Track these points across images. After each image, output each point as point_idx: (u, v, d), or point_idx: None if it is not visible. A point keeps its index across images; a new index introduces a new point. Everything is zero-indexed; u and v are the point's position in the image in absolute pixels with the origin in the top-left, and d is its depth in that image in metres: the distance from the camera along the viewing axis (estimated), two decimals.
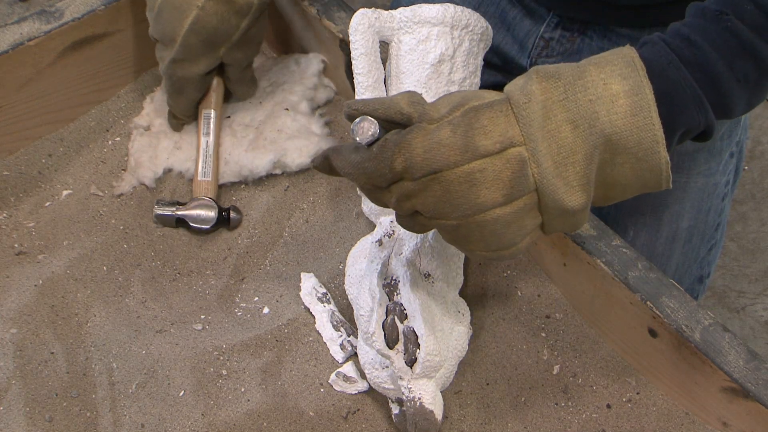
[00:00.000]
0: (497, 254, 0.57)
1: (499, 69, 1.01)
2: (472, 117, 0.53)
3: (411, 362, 0.62)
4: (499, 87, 1.03)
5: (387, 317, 0.64)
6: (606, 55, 0.56)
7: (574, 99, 0.53)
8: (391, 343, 0.63)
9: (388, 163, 0.54)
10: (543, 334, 0.72)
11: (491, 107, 0.54)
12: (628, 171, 0.55)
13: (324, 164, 0.60)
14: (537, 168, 0.53)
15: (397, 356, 0.63)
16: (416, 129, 0.54)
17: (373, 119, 0.55)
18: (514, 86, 0.55)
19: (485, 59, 0.75)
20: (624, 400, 0.69)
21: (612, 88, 0.53)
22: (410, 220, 0.58)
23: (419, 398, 0.62)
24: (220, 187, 0.82)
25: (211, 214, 0.78)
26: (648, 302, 0.66)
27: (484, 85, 0.73)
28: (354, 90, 0.72)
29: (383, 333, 0.64)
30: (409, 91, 0.57)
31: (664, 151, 0.53)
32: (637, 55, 0.55)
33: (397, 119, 0.56)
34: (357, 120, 0.55)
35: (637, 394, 0.69)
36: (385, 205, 0.58)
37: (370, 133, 0.54)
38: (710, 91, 0.57)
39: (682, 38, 0.57)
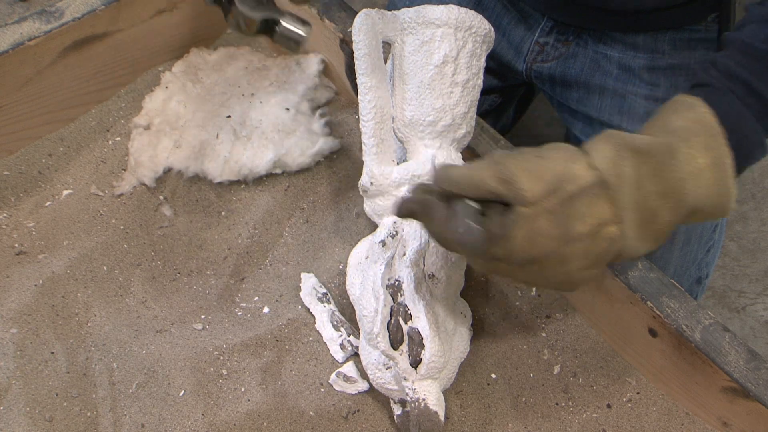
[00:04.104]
0: (574, 290, 0.61)
1: (495, 73, 1.02)
2: (570, 205, 0.54)
3: (415, 363, 0.62)
4: (495, 90, 1.05)
5: (391, 318, 0.64)
6: (690, 125, 0.58)
7: (664, 177, 0.56)
8: (395, 344, 0.63)
9: (488, 249, 0.55)
10: (543, 334, 0.72)
11: (588, 193, 0.55)
12: (698, 221, 0.60)
13: (408, 215, 0.61)
14: (623, 241, 0.56)
15: (402, 357, 0.63)
16: (519, 220, 0.54)
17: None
18: (603, 160, 0.56)
19: None
20: (624, 400, 0.69)
21: (698, 162, 0.57)
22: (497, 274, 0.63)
23: (423, 399, 0.62)
24: (219, 185, 0.82)
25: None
26: (648, 302, 0.66)
27: (482, 89, 0.73)
28: (354, 90, 0.71)
29: (388, 334, 0.64)
30: (492, 162, 0.56)
31: (734, 204, 0.58)
32: (716, 122, 0.58)
33: (488, 198, 0.56)
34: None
35: (638, 394, 0.69)
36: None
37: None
38: None
39: (744, 86, 0.61)
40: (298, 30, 0.65)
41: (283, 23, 0.65)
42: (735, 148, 0.57)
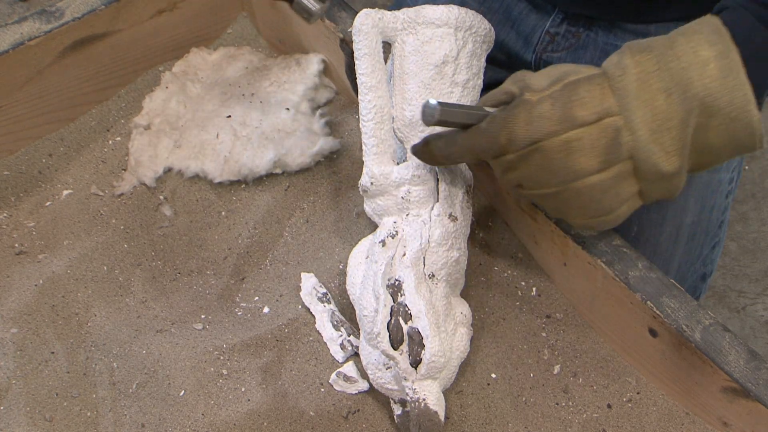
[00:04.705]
0: (597, 221, 0.61)
1: (503, 65, 1.01)
2: (571, 90, 0.57)
3: (416, 363, 0.62)
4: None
5: (391, 318, 0.64)
6: (692, 25, 0.58)
7: (666, 69, 0.56)
8: (395, 344, 0.63)
9: (495, 138, 0.58)
10: (543, 334, 0.72)
11: (589, 80, 0.57)
12: (723, 132, 0.57)
13: (424, 150, 0.64)
14: (632, 136, 0.56)
15: (402, 357, 0.63)
16: (520, 104, 0.58)
17: (434, 104, 0.59)
18: (609, 62, 0.59)
19: (489, 56, 0.75)
20: (624, 400, 0.69)
21: (702, 54, 0.56)
22: (514, 192, 0.63)
23: (424, 399, 0.62)
24: (219, 185, 0.82)
25: None
26: (648, 302, 0.66)
27: (488, 83, 0.74)
28: (354, 90, 0.72)
29: (388, 334, 0.64)
30: (513, 74, 0.62)
31: (755, 109, 0.56)
32: (720, 22, 0.57)
33: (504, 99, 0.60)
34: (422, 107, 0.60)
35: (638, 394, 0.69)
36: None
37: (434, 113, 0.59)
38: None
39: (761, 5, 0.60)
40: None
41: None
42: (748, 56, 0.56)
